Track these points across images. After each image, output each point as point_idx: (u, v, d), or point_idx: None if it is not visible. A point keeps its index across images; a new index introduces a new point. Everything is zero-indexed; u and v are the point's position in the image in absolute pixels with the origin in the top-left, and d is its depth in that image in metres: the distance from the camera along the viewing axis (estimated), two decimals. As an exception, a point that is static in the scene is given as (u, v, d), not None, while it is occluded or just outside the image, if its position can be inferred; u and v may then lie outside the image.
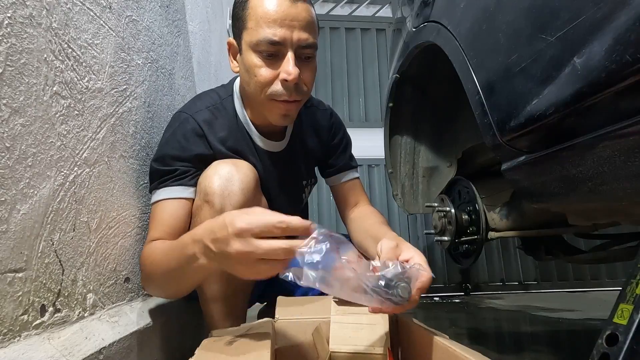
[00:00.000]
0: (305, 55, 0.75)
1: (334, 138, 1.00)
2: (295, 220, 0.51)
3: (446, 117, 1.48)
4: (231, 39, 0.81)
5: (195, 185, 0.77)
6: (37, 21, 0.52)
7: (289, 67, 0.71)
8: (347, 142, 1.03)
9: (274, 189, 0.90)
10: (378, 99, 2.93)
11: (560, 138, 0.62)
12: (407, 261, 0.58)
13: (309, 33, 0.73)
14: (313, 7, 0.77)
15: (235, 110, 0.86)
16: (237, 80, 0.88)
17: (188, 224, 0.76)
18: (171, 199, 0.75)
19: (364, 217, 0.92)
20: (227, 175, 0.73)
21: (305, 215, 1.12)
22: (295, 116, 0.83)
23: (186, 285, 0.68)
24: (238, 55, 0.79)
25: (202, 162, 0.79)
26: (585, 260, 1.31)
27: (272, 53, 0.72)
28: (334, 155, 1.00)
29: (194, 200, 0.77)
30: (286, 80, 0.72)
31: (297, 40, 0.72)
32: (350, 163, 1.02)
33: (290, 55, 0.72)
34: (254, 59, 0.73)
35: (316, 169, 1.04)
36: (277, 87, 0.74)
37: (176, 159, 0.77)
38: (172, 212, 0.75)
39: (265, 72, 0.73)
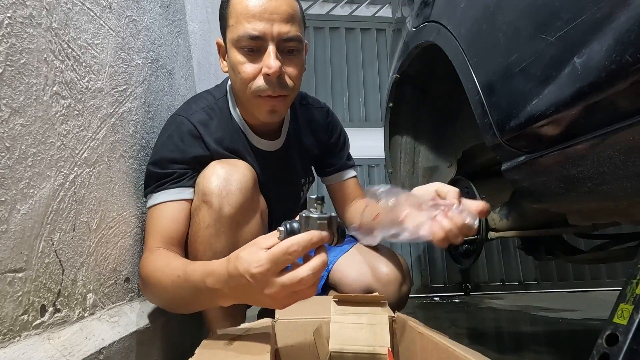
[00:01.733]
0: (288, 49, 0.74)
1: (331, 137, 0.99)
2: (303, 238, 0.48)
3: (446, 117, 1.48)
4: (219, 39, 0.81)
5: (193, 185, 0.77)
6: (37, 21, 0.52)
7: (269, 61, 0.71)
8: (344, 140, 1.02)
9: (272, 188, 0.90)
10: (378, 99, 2.92)
11: (560, 138, 0.62)
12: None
13: (291, 26, 0.72)
14: (297, 0, 0.76)
15: (230, 111, 0.86)
16: (229, 80, 0.88)
17: (188, 225, 0.76)
18: (170, 202, 0.75)
19: (362, 202, 0.93)
20: (225, 175, 0.73)
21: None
22: (284, 112, 0.82)
23: (195, 310, 0.67)
24: (226, 55, 0.79)
25: (200, 164, 0.79)
26: (585, 260, 1.31)
27: (254, 48, 0.72)
28: (332, 154, 1.00)
29: (192, 200, 0.77)
30: (268, 75, 0.72)
31: (278, 34, 0.71)
32: (348, 162, 1.02)
33: (271, 49, 0.71)
34: (237, 56, 0.73)
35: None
36: (260, 82, 0.73)
37: (173, 162, 0.77)
38: (172, 216, 0.74)
39: (247, 68, 0.73)
